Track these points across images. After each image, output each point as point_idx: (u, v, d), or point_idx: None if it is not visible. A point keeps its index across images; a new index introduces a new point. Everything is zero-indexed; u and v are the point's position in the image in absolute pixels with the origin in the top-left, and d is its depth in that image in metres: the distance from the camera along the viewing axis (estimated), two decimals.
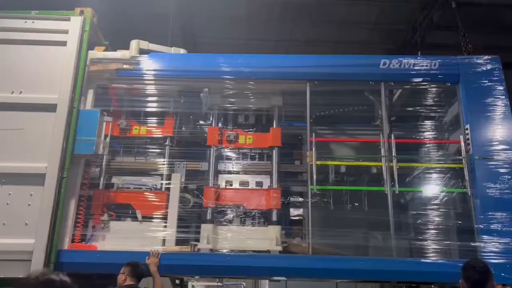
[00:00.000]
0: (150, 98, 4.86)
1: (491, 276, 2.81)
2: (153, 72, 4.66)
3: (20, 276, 3.77)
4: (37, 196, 4.11)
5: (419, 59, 4.60)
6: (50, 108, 4.34)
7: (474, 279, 2.73)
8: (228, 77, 4.69)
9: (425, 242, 4.37)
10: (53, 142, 4.23)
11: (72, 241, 4.27)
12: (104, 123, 4.61)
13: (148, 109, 4.91)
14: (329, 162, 4.71)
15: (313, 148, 4.51)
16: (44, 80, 4.45)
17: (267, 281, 9.09)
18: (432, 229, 4.42)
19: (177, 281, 7.25)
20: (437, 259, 4.22)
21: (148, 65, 4.65)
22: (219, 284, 10.18)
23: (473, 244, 4.15)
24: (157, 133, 4.88)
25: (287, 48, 10.54)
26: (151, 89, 4.80)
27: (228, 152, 4.99)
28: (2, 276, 3.89)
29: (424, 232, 4.47)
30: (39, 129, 4.30)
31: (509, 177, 4.18)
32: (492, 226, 4.10)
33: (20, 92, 4.39)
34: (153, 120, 4.95)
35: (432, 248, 4.33)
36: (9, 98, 4.37)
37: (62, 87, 4.40)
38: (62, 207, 4.16)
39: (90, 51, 4.70)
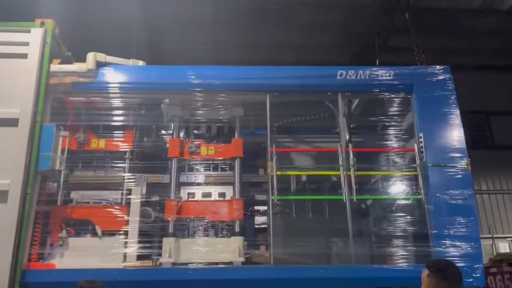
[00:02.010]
0: (108, 111, 4.78)
1: None
2: (110, 85, 4.59)
3: None
4: None
5: (374, 69, 4.71)
6: (12, 122, 4.22)
7: (453, 274, 2.61)
8: (188, 89, 4.67)
9: (384, 248, 4.49)
10: (16, 158, 4.12)
11: (29, 260, 4.16)
12: (61, 137, 4.50)
13: (106, 123, 4.82)
14: (289, 172, 4.76)
15: (274, 159, 4.55)
16: (4, 93, 4.32)
17: None
18: (390, 235, 4.55)
19: None
20: (395, 264, 4.33)
21: (104, 78, 4.58)
22: None
23: (428, 249, 4.29)
24: (117, 146, 4.81)
25: (255, 52, 10.60)
26: (109, 102, 4.72)
27: (191, 164, 4.98)
28: None
29: (383, 238, 4.60)
30: (0, 144, 4.17)
31: (460, 183, 4.34)
32: (445, 231, 4.25)
33: None
34: (112, 134, 4.87)
35: (390, 254, 4.44)
36: None
37: (23, 100, 4.28)
38: (27, 224, 4.06)
39: None
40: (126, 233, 4.42)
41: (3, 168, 4.09)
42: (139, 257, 4.34)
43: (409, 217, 4.59)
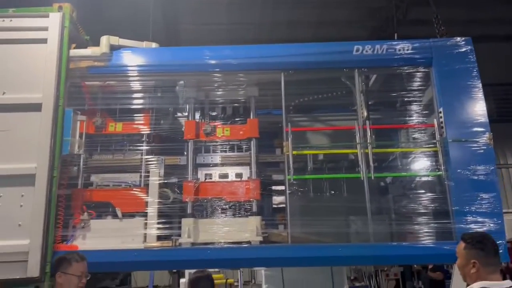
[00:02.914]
0: (124, 95, 4.80)
1: None
2: (125, 68, 4.60)
3: (18, 277, 3.85)
4: (28, 196, 4.12)
5: (392, 44, 4.55)
6: (35, 107, 4.30)
7: (491, 245, 2.59)
8: (202, 69, 4.64)
9: (404, 226, 4.43)
10: (41, 142, 4.22)
11: (53, 242, 4.28)
12: (78, 122, 4.58)
13: (123, 106, 4.86)
14: (305, 152, 4.71)
15: (289, 139, 4.51)
16: (27, 79, 4.39)
17: None
18: (410, 212, 4.48)
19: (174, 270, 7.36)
20: (414, 242, 4.28)
21: (119, 61, 4.58)
22: (216, 269, 10.35)
23: (449, 226, 4.21)
24: (134, 129, 4.85)
25: (271, 31, 10.45)
26: (124, 85, 4.75)
27: (207, 145, 4.99)
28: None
29: (403, 215, 4.53)
30: (25, 129, 4.28)
31: (482, 158, 4.21)
32: (467, 208, 4.15)
33: (3, 93, 4.34)
34: (129, 117, 4.91)
35: (410, 231, 4.39)
36: None
37: (46, 85, 4.35)
38: (54, 206, 4.19)
39: None
40: (145, 215, 4.50)
41: (29, 152, 4.20)
42: (159, 238, 4.41)
43: (429, 194, 4.50)
